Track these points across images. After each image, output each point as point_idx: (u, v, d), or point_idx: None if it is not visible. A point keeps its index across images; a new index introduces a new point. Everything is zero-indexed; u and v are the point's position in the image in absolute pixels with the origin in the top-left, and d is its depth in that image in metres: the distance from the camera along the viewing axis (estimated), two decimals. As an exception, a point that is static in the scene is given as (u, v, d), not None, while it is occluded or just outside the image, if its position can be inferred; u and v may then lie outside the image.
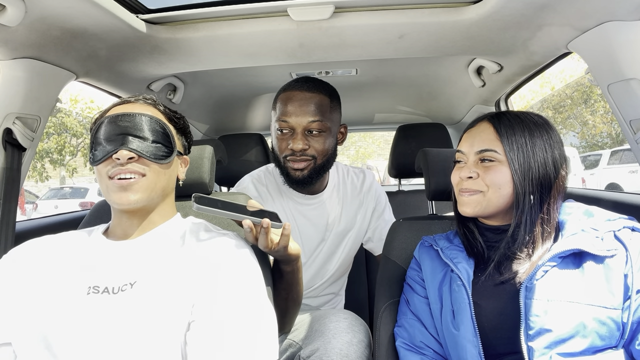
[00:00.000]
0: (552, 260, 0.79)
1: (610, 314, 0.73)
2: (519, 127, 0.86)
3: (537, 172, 0.84)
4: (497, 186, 0.84)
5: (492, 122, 0.88)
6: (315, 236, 1.29)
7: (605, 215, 0.83)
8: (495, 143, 0.85)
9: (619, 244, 0.77)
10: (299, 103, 1.15)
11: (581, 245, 0.77)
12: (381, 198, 1.40)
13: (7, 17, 0.87)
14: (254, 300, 0.75)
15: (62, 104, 1.23)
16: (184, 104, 1.77)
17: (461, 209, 0.89)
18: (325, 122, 1.17)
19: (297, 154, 1.15)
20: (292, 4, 1.03)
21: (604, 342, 0.72)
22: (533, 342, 0.74)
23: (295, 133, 1.16)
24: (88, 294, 0.72)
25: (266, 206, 1.24)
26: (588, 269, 0.77)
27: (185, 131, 0.91)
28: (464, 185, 0.87)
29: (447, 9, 1.08)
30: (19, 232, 1.11)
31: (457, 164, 0.92)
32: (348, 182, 1.38)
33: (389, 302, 1.00)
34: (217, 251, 0.78)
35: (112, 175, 0.76)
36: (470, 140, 0.89)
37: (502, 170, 0.84)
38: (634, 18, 0.95)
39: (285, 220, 1.24)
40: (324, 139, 1.18)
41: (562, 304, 0.74)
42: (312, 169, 1.18)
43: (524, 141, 0.85)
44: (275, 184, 1.30)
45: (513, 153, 0.84)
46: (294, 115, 1.15)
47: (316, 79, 1.23)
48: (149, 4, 1.08)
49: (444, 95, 2.06)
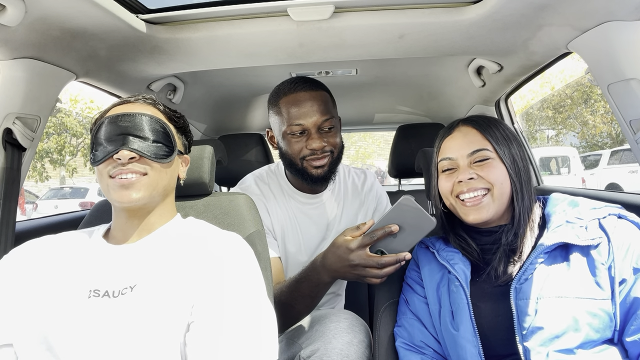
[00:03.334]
0: (539, 257, 0.79)
1: (600, 305, 0.73)
2: (492, 125, 0.89)
3: (519, 165, 0.86)
4: (500, 182, 0.85)
5: (471, 125, 0.90)
6: (317, 235, 1.29)
7: (591, 204, 0.83)
8: (484, 142, 0.87)
9: (602, 233, 0.77)
10: (310, 103, 1.16)
11: (565, 238, 0.77)
12: (382, 198, 1.40)
13: (7, 17, 0.87)
14: (254, 301, 0.75)
15: (62, 104, 1.23)
16: (184, 103, 1.77)
17: (469, 218, 0.86)
18: (333, 117, 1.20)
19: (318, 152, 1.17)
20: (292, 4, 1.03)
21: (598, 334, 0.72)
22: (528, 342, 0.74)
23: (310, 133, 1.17)
24: (89, 297, 0.72)
25: (268, 205, 1.25)
26: (574, 262, 0.77)
27: (186, 130, 0.91)
28: (466, 187, 0.86)
29: (447, 9, 1.08)
30: (19, 232, 1.11)
31: (444, 173, 0.91)
32: (349, 182, 1.38)
33: (388, 302, 1.00)
34: (218, 252, 0.78)
35: (114, 175, 0.76)
36: (456, 146, 0.89)
37: (498, 166, 0.85)
38: (634, 18, 0.95)
39: (287, 219, 1.26)
40: (335, 133, 1.21)
41: (551, 300, 0.74)
42: (331, 163, 1.21)
43: (502, 136, 0.87)
44: (278, 183, 1.31)
45: (500, 149, 0.86)
46: (307, 117, 1.16)
47: (312, 78, 1.24)
48: (149, 4, 1.08)
49: (444, 95, 2.06)
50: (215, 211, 1.04)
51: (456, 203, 0.88)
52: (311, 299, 1.03)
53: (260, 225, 1.04)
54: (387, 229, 0.87)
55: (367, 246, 0.89)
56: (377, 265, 0.88)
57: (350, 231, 0.93)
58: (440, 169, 0.92)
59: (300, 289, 1.02)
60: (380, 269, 0.89)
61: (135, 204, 0.77)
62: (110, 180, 0.77)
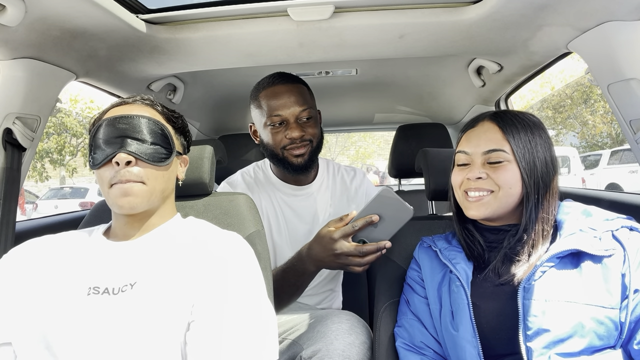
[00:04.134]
0: (550, 261, 0.78)
1: (608, 314, 0.73)
2: (521, 125, 0.86)
3: (540, 170, 0.84)
4: (508, 186, 0.84)
5: (495, 121, 0.88)
6: (302, 227, 1.31)
7: (604, 215, 0.83)
8: (502, 142, 0.85)
9: (616, 244, 0.77)
10: (287, 95, 1.22)
11: (579, 246, 0.77)
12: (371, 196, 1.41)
13: (7, 17, 0.87)
14: (254, 300, 0.75)
15: (62, 104, 1.23)
16: (184, 104, 1.77)
17: (470, 212, 0.88)
18: (311, 108, 1.25)
19: (297, 141, 1.22)
20: (292, 4, 1.03)
21: (602, 341, 0.72)
22: (532, 343, 0.74)
23: (289, 124, 1.22)
24: (88, 294, 0.72)
25: (253, 197, 1.27)
26: (586, 269, 0.77)
27: (184, 130, 0.91)
28: (474, 185, 0.86)
29: (447, 9, 1.08)
30: (19, 232, 1.11)
31: (459, 166, 0.91)
32: (338, 178, 1.41)
33: (389, 302, 1.00)
34: (219, 252, 0.78)
35: (113, 182, 0.76)
36: (475, 141, 0.88)
37: (511, 169, 0.84)
38: (634, 18, 0.95)
39: (272, 210, 1.29)
40: (314, 123, 1.26)
41: (560, 304, 0.74)
42: (311, 152, 1.26)
43: (527, 139, 0.85)
44: (264, 175, 1.35)
45: (520, 151, 0.84)
46: (285, 108, 1.21)
47: (289, 73, 1.29)
48: (149, 4, 1.08)
49: (444, 95, 2.06)
50: (215, 211, 1.04)
51: (462, 196, 0.90)
52: (296, 287, 1.09)
53: (260, 225, 1.04)
54: (367, 219, 0.93)
55: (349, 236, 0.95)
56: (359, 253, 0.94)
57: (333, 222, 0.99)
58: (456, 161, 0.92)
59: (287, 278, 1.08)
60: (362, 257, 0.94)
61: (134, 211, 0.77)
62: (110, 188, 0.77)
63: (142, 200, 0.77)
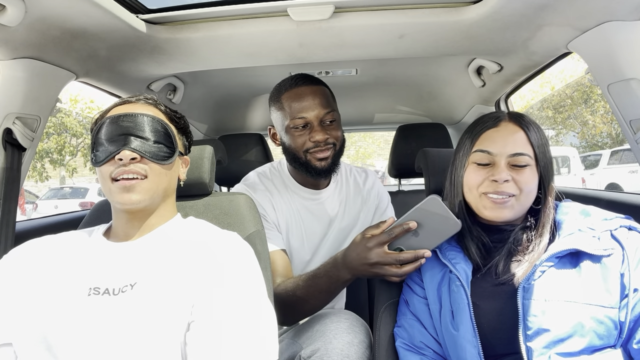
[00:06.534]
0: (550, 261, 0.79)
1: (607, 313, 0.73)
2: (536, 128, 0.87)
3: (549, 172, 0.86)
4: (529, 190, 0.84)
5: (518, 124, 0.87)
6: (319, 230, 1.30)
7: (602, 215, 0.83)
8: (527, 146, 0.84)
9: (615, 243, 0.77)
10: (311, 97, 1.18)
11: (578, 245, 0.77)
12: (383, 197, 1.41)
13: (7, 17, 0.87)
14: (254, 300, 0.75)
15: (62, 104, 1.24)
16: (184, 104, 1.77)
17: (489, 213, 0.85)
18: (335, 111, 1.22)
19: (321, 144, 1.19)
20: (292, 4, 1.03)
21: (602, 341, 0.73)
22: (532, 342, 0.74)
23: (313, 126, 1.19)
24: (89, 295, 0.72)
25: (273, 200, 1.26)
26: (585, 269, 0.77)
27: (186, 131, 0.91)
28: (502, 188, 0.83)
29: (447, 9, 1.08)
30: (19, 232, 1.11)
31: (478, 165, 0.87)
32: (351, 180, 1.39)
33: (388, 303, 1.00)
34: (218, 252, 0.78)
35: (116, 176, 0.76)
36: (501, 142, 0.85)
37: (533, 173, 0.84)
38: (634, 18, 0.95)
39: (291, 214, 1.27)
40: (337, 126, 1.23)
41: (559, 304, 0.75)
42: (334, 156, 1.23)
43: (543, 143, 0.86)
44: (281, 178, 1.32)
45: (540, 156, 0.85)
46: (309, 110, 1.17)
47: (311, 75, 1.26)
48: (149, 4, 1.08)
49: (444, 95, 2.06)
50: (215, 211, 1.04)
51: (480, 197, 0.86)
52: (328, 294, 1.03)
53: (260, 225, 1.04)
54: (404, 225, 0.87)
55: (385, 244, 0.89)
56: (395, 262, 0.88)
57: (370, 229, 0.93)
58: (473, 160, 0.88)
59: (319, 284, 1.02)
60: (399, 267, 0.89)
61: (136, 207, 0.77)
62: (112, 184, 0.77)
63: (144, 196, 0.77)
